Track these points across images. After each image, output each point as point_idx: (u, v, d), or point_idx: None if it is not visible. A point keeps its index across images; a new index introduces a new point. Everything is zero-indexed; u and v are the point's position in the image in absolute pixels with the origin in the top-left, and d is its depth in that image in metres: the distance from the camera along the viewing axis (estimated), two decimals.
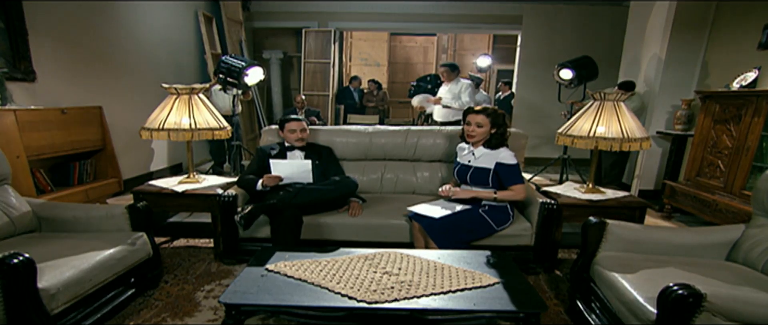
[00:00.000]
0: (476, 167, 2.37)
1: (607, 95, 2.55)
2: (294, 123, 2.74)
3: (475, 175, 2.37)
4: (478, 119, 2.34)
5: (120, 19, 4.14)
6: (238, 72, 3.60)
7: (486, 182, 2.35)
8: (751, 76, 3.28)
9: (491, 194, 2.33)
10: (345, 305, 1.50)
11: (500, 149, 2.35)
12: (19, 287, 1.47)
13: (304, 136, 2.74)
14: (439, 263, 1.82)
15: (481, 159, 2.37)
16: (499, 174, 2.32)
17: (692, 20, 3.92)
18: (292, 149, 2.76)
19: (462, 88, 4.53)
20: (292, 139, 2.73)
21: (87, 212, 2.22)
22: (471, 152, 2.42)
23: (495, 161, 2.32)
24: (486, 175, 2.34)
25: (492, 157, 2.34)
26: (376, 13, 6.81)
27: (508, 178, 2.31)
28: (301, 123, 2.75)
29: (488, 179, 2.34)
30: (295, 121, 2.74)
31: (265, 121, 6.54)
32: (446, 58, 9.85)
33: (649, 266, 1.76)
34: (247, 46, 6.44)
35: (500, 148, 2.35)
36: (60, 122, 3.07)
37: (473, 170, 2.37)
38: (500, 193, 2.33)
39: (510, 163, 2.31)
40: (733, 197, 3.11)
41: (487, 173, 2.34)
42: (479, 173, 2.36)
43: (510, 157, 2.32)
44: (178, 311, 2.06)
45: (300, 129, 2.72)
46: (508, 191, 2.32)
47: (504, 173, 2.31)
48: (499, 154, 2.33)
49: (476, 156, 2.38)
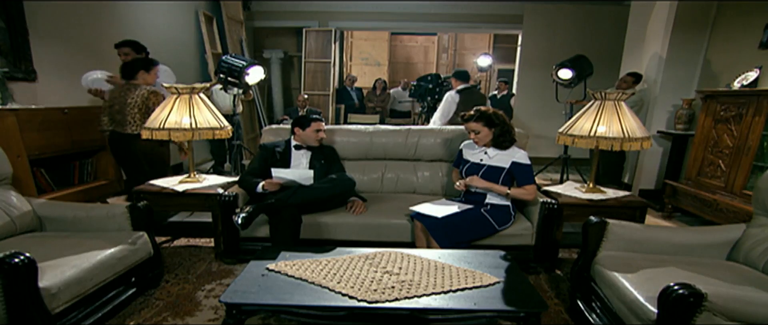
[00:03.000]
0: (490, 165, 2.39)
1: (608, 94, 2.55)
2: (320, 123, 2.71)
3: (487, 173, 2.39)
4: (472, 127, 2.39)
5: (121, 18, 4.15)
6: (239, 71, 3.60)
7: (496, 181, 2.37)
8: (752, 75, 3.27)
9: (504, 190, 2.34)
10: (346, 304, 1.50)
11: (514, 149, 2.38)
12: (20, 287, 1.47)
13: (324, 135, 2.74)
14: (440, 263, 1.82)
15: (495, 158, 2.39)
16: (514, 173, 2.36)
17: (693, 20, 3.91)
18: (299, 148, 2.73)
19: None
20: (314, 138, 2.70)
21: (88, 212, 2.22)
22: (483, 151, 2.44)
23: (511, 161, 2.36)
24: (498, 174, 2.37)
25: (507, 156, 2.37)
26: (376, 12, 6.81)
27: (522, 178, 2.35)
28: (322, 123, 2.74)
29: (499, 178, 2.36)
30: (319, 122, 2.72)
31: (265, 120, 6.54)
32: (447, 58, 9.86)
33: (649, 266, 1.76)
34: (247, 45, 6.44)
35: (513, 148, 2.38)
36: (61, 122, 3.07)
37: (486, 169, 2.39)
38: (513, 190, 2.35)
39: (525, 163, 2.36)
40: (733, 196, 3.11)
41: (500, 172, 2.37)
42: (492, 171, 2.38)
43: (525, 157, 2.37)
44: (179, 311, 2.06)
45: (323, 129, 2.73)
46: (521, 190, 2.35)
47: (519, 172, 2.35)
48: (516, 154, 2.37)
49: (490, 156, 2.41)
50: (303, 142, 2.73)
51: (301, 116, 2.78)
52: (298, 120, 2.75)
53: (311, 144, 2.72)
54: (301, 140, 2.73)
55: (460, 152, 2.61)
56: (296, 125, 2.73)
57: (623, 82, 4.20)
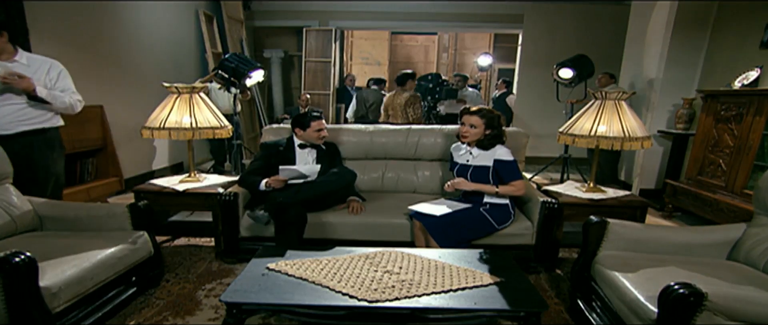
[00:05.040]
0: (476, 165, 2.39)
1: (608, 94, 2.55)
2: (320, 121, 2.67)
3: (475, 173, 2.38)
4: (472, 120, 2.36)
5: (121, 18, 4.15)
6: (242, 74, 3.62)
7: (487, 179, 2.36)
8: (752, 75, 3.27)
9: (493, 189, 2.34)
10: (346, 303, 1.50)
11: (496, 147, 2.36)
12: (21, 286, 1.47)
13: (326, 134, 2.70)
14: (440, 262, 1.82)
15: (479, 158, 2.39)
16: (498, 171, 2.35)
17: (694, 19, 3.91)
18: (304, 146, 2.70)
19: None
20: (315, 137, 2.66)
21: (88, 211, 2.22)
22: (468, 152, 2.43)
23: (492, 158, 2.35)
24: (486, 172, 2.36)
25: (489, 154, 2.36)
26: (377, 12, 6.80)
27: (507, 174, 2.33)
28: (323, 122, 2.70)
29: (489, 176, 2.36)
30: (320, 121, 2.67)
31: (265, 120, 6.54)
32: (447, 57, 9.86)
33: (650, 265, 1.76)
34: (247, 45, 6.44)
35: (495, 146, 2.36)
36: None
37: (473, 169, 2.39)
38: (502, 187, 2.33)
39: (507, 159, 2.34)
40: (734, 196, 3.11)
41: (487, 170, 2.36)
42: (479, 171, 2.37)
43: (507, 153, 2.35)
44: (179, 310, 2.07)
45: (324, 127, 2.69)
46: (508, 187, 2.33)
47: (502, 169, 2.34)
48: (496, 151, 2.36)
49: (474, 155, 2.40)
50: (306, 141, 2.71)
51: (300, 116, 2.71)
52: (298, 120, 2.70)
53: (314, 143, 2.70)
54: (303, 140, 2.71)
55: (451, 155, 2.61)
56: (296, 126, 2.69)
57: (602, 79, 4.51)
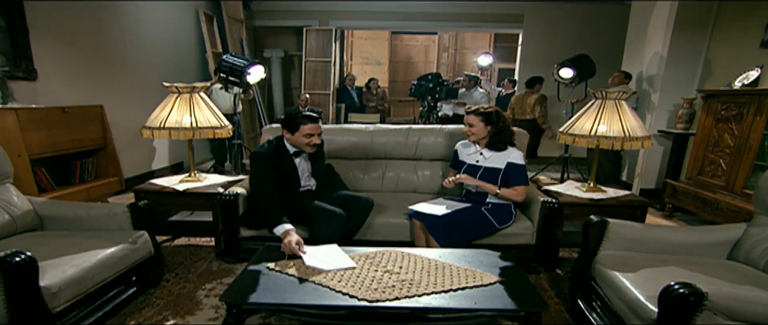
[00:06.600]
0: (486, 167, 2.39)
1: (609, 94, 2.55)
2: (312, 126, 2.24)
3: (484, 175, 2.39)
4: (470, 119, 2.40)
5: (121, 18, 4.15)
6: (240, 71, 3.61)
7: (495, 182, 2.37)
8: (753, 74, 3.27)
9: (494, 189, 2.34)
10: (346, 303, 1.50)
11: (510, 150, 2.38)
12: (21, 286, 1.47)
13: (318, 141, 2.30)
14: (440, 262, 1.82)
15: (491, 159, 2.39)
16: (508, 173, 2.36)
17: (694, 19, 3.91)
18: (297, 155, 2.35)
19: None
20: (303, 144, 2.26)
21: (88, 211, 2.22)
22: (479, 152, 2.43)
23: (506, 161, 2.36)
24: (496, 175, 2.37)
25: (503, 157, 2.37)
26: (377, 12, 6.80)
27: (515, 177, 2.35)
28: (318, 126, 2.26)
29: (497, 179, 2.36)
30: (314, 124, 2.24)
31: (266, 119, 6.54)
32: (447, 57, 9.86)
33: (650, 265, 1.76)
34: (247, 44, 6.44)
35: (509, 149, 2.38)
36: (61, 121, 3.07)
37: (483, 170, 2.39)
38: (502, 190, 2.34)
39: (520, 163, 2.36)
40: (734, 195, 3.11)
41: (497, 173, 2.37)
42: (489, 173, 2.38)
43: (520, 158, 2.37)
44: (180, 310, 2.07)
45: (318, 134, 2.28)
46: (510, 190, 2.34)
47: (513, 172, 2.35)
48: (511, 154, 2.37)
49: (486, 157, 2.41)
50: (295, 147, 2.33)
51: (289, 116, 2.29)
52: (287, 121, 2.28)
53: (302, 150, 2.32)
54: (292, 144, 2.32)
55: (456, 153, 2.60)
56: (284, 127, 2.29)
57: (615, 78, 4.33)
